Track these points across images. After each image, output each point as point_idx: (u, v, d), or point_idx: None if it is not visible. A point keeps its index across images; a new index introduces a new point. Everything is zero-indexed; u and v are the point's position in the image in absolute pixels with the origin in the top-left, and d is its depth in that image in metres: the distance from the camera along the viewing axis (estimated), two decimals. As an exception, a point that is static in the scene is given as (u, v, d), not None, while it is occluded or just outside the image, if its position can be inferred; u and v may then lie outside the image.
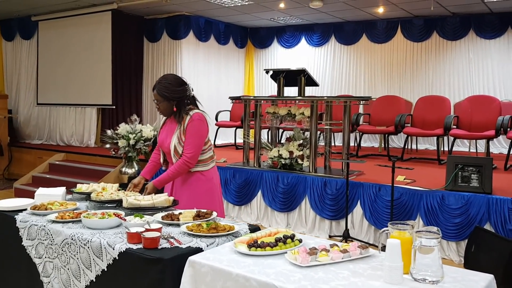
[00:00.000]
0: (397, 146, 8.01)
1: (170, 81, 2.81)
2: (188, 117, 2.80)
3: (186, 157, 2.78)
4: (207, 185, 2.89)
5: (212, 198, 2.90)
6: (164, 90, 2.78)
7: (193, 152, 2.79)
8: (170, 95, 2.78)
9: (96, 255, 2.06)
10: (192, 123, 2.79)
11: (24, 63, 9.41)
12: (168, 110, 2.83)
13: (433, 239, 1.66)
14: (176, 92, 2.79)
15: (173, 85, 2.79)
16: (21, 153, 8.49)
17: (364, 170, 5.34)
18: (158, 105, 2.82)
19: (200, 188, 2.85)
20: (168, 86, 2.78)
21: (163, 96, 2.78)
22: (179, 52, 8.53)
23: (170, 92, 2.78)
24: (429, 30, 8.14)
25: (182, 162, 2.78)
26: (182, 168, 2.79)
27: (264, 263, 1.81)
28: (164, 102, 2.80)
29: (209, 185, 2.90)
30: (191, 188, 2.84)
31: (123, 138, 5.86)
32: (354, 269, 1.77)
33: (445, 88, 8.07)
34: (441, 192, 4.25)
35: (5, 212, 2.54)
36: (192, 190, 2.83)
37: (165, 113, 2.87)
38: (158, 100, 2.80)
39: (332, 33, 9.02)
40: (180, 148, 2.80)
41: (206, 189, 2.88)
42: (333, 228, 4.84)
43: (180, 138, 2.80)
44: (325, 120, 5.35)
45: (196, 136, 2.80)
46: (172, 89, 2.78)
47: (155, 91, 2.80)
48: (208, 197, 2.87)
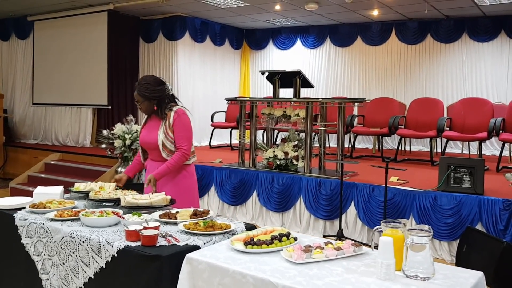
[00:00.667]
0: (390, 147, 8.07)
1: (149, 82, 2.94)
2: (173, 113, 2.93)
3: (183, 149, 2.92)
4: (190, 180, 3.05)
5: (194, 193, 3.07)
6: (144, 90, 2.91)
7: (188, 144, 2.96)
8: (150, 95, 2.91)
9: (95, 252, 2.09)
10: (179, 117, 2.93)
11: (20, 63, 9.39)
12: (149, 109, 2.96)
13: (424, 236, 1.71)
14: (156, 92, 2.92)
15: (152, 85, 2.93)
16: (17, 152, 8.48)
17: (358, 171, 5.39)
18: (140, 105, 2.96)
19: (184, 183, 2.99)
20: (148, 87, 2.92)
21: (143, 96, 2.91)
22: (175, 53, 8.56)
23: (150, 92, 2.91)
24: (423, 33, 8.22)
25: (181, 154, 2.92)
26: (181, 161, 2.93)
27: (260, 260, 1.85)
28: (145, 101, 2.93)
29: (192, 180, 3.06)
30: (176, 183, 2.96)
31: (119, 138, 5.87)
32: (347, 266, 1.81)
33: (439, 91, 8.15)
34: (433, 192, 4.31)
35: (3, 211, 2.57)
36: (177, 185, 2.95)
37: (146, 112, 3.00)
38: (139, 101, 2.94)
39: (327, 35, 9.08)
40: (168, 142, 2.91)
41: (189, 184, 3.03)
42: (327, 228, 4.89)
43: (167, 133, 2.91)
44: (320, 122, 5.40)
45: (186, 129, 2.96)
46: (151, 89, 2.91)
47: (135, 92, 2.94)
48: (191, 192, 3.03)
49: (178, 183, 2.96)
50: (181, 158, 2.92)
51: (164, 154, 2.93)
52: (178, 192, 2.89)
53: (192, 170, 3.06)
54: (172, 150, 2.93)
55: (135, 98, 2.98)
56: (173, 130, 2.91)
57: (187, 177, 3.01)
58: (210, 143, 8.24)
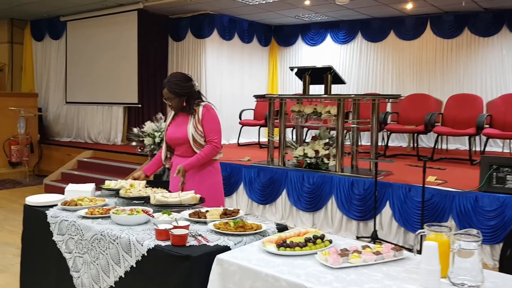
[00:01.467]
0: (426, 145, 7.82)
1: (179, 79, 2.95)
2: (201, 108, 2.94)
3: (214, 142, 2.94)
4: (216, 177, 3.04)
5: (219, 191, 3.05)
6: (175, 87, 2.91)
7: (219, 138, 2.97)
8: (181, 91, 2.91)
9: (125, 251, 2.07)
10: (208, 111, 2.95)
11: (53, 62, 9.62)
12: (179, 105, 2.96)
13: (473, 242, 1.59)
14: (186, 88, 2.93)
15: (182, 81, 2.94)
16: (51, 150, 8.68)
17: (393, 170, 5.22)
18: (170, 102, 2.94)
19: (210, 180, 2.98)
20: (178, 83, 2.92)
21: (174, 93, 2.91)
22: (203, 51, 8.55)
23: (181, 88, 2.91)
24: (460, 27, 7.91)
25: (211, 147, 2.93)
26: (211, 153, 2.94)
27: (294, 263, 1.77)
28: (176, 98, 2.92)
29: (218, 177, 3.05)
30: (201, 180, 2.94)
31: (148, 136, 5.91)
32: (388, 271, 1.71)
33: (477, 86, 7.82)
34: (474, 193, 4.11)
35: (36, 208, 2.58)
36: (203, 182, 2.94)
37: (177, 108, 2.99)
38: (170, 98, 2.93)
39: (359, 30, 8.87)
40: (198, 136, 2.91)
41: (215, 182, 3.02)
42: (361, 229, 4.75)
43: (196, 127, 2.91)
44: (352, 119, 5.25)
45: (216, 123, 2.98)
46: (182, 85, 2.92)
47: (165, 89, 2.92)
48: (217, 190, 3.02)
49: (204, 180, 2.95)
50: (212, 151, 2.93)
51: (195, 148, 2.94)
52: (204, 189, 2.87)
53: (218, 167, 3.07)
54: (202, 144, 2.94)
55: (163, 96, 2.96)
56: (203, 124, 2.92)
57: (214, 173, 3.02)
58: (238, 141, 8.20)
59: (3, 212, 5.82)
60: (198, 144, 2.93)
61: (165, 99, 2.96)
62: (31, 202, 2.61)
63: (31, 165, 8.38)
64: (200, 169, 2.95)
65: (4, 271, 3.83)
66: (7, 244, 4.49)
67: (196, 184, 2.90)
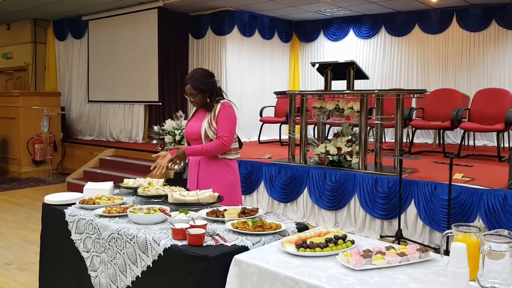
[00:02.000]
0: (452, 142, 7.63)
1: (202, 74, 2.92)
2: (219, 105, 2.90)
3: (223, 139, 2.87)
4: (233, 176, 2.99)
5: (236, 190, 3.00)
6: (198, 83, 2.87)
7: (229, 136, 2.89)
8: (205, 87, 2.88)
9: (142, 250, 2.04)
10: (225, 109, 2.89)
11: (76, 61, 9.76)
12: (202, 101, 2.93)
13: (504, 243, 1.51)
14: (209, 84, 2.90)
15: (205, 77, 2.91)
16: (73, 148, 8.82)
17: (418, 167, 5.09)
18: (193, 98, 2.91)
19: (223, 178, 2.93)
20: (201, 79, 2.89)
21: (197, 89, 2.88)
22: (224, 48, 8.52)
23: (204, 84, 2.88)
24: (488, 19, 7.66)
25: (219, 143, 2.87)
26: (217, 147, 2.87)
27: (314, 265, 1.71)
28: (199, 94, 2.89)
29: (234, 176, 3.00)
30: (214, 177, 2.91)
31: (169, 134, 5.91)
32: (413, 274, 1.63)
33: (505, 81, 7.58)
34: (503, 191, 3.96)
35: (54, 206, 2.58)
36: (213, 180, 2.89)
37: (199, 105, 2.96)
38: (193, 94, 2.89)
39: (382, 24, 8.70)
40: (211, 133, 2.87)
41: (231, 180, 2.97)
42: (385, 228, 4.63)
43: (211, 123, 2.88)
44: (376, 115, 5.13)
45: (230, 121, 2.90)
46: (205, 81, 2.89)
47: (188, 85, 2.89)
48: (233, 188, 2.96)
49: (216, 177, 2.92)
50: (218, 146, 2.87)
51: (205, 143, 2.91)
52: (217, 187, 2.83)
53: (235, 166, 3.01)
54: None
55: (186, 92, 2.93)
56: (217, 121, 2.88)
57: (228, 172, 2.96)
58: (259, 138, 8.15)
59: (26, 210, 5.92)
60: (210, 141, 2.90)
61: (188, 95, 2.93)
62: (49, 200, 2.62)
63: (54, 163, 8.53)
64: (212, 165, 2.92)
65: (26, 269, 3.88)
66: (29, 242, 4.56)
67: (209, 182, 2.88)
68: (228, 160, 2.95)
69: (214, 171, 2.92)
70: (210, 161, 2.93)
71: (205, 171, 2.92)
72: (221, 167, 2.93)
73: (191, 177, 2.97)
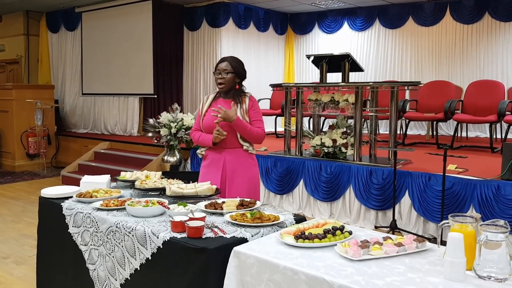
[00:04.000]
0: (445, 133, 7.67)
1: (239, 60, 2.93)
2: (247, 98, 2.90)
3: (264, 131, 2.90)
4: (256, 169, 2.99)
5: (258, 183, 3.01)
6: (238, 63, 2.88)
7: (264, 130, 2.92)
8: (240, 70, 2.88)
9: (141, 243, 2.05)
10: (255, 103, 2.91)
11: (69, 54, 9.66)
12: (230, 84, 2.86)
13: (500, 233, 1.53)
14: (244, 70, 2.93)
15: (241, 63, 2.93)
16: (68, 141, 8.76)
17: (412, 158, 5.12)
18: (225, 75, 2.84)
19: (251, 171, 2.92)
20: (240, 63, 2.91)
21: (234, 68, 2.85)
22: (219, 40, 8.48)
23: (241, 68, 2.89)
24: (481, 11, 7.68)
25: (263, 132, 2.89)
26: (259, 136, 2.88)
27: (313, 255, 1.73)
28: (232, 74, 2.84)
29: (257, 169, 2.99)
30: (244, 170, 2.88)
31: (164, 126, 5.89)
32: (410, 264, 1.66)
33: (498, 72, 7.62)
34: (496, 181, 4.00)
35: (51, 200, 2.57)
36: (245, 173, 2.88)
37: (226, 86, 2.86)
38: (227, 70, 2.84)
39: (376, 17, 8.69)
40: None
41: (255, 173, 2.97)
42: (379, 219, 4.67)
43: (244, 118, 2.83)
44: (370, 107, 5.15)
45: (261, 115, 2.95)
46: (241, 65, 2.91)
47: (226, 62, 2.86)
48: (256, 181, 2.97)
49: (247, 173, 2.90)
50: (261, 134, 2.88)
51: (241, 140, 2.86)
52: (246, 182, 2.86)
53: (256, 159, 3.01)
54: None
55: (218, 69, 2.86)
56: (250, 115, 2.86)
57: (255, 166, 2.97)
58: (255, 130, 8.13)
59: (21, 204, 5.89)
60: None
61: (219, 72, 2.85)
62: (46, 194, 2.61)
63: (48, 156, 8.47)
64: (239, 159, 2.88)
65: (22, 263, 3.87)
66: (25, 236, 4.54)
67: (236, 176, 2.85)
68: (252, 154, 2.95)
69: (241, 165, 2.88)
70: (237, 155, 2.88)
71: (233, 165, 2.87)
72: (248, 161, 2.91)
73: (213, 172, 2.87)
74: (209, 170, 2.90)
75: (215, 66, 2.92)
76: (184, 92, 8.96)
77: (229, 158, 2.86)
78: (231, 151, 2.87)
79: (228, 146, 2.86)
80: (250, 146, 2.90)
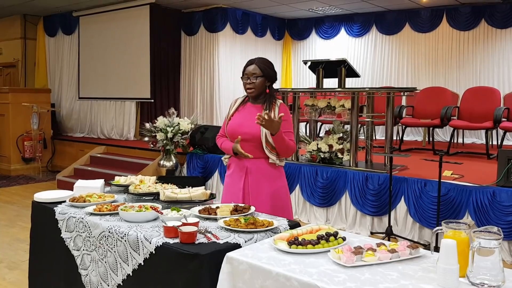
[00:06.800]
0: (441, 139, 7.69)
1: (269, 61, 2.68)
2: (277, 107, 2.60)
3: (295, 143, 2.67)
4: (282, 182, 2.71)
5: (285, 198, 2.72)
6: (267, 64, 2.62)
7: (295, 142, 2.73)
8: (270, 72, 2.62)
9: (133, 248, 2.03)
10: (287, 111, 2.62)
11: (66, 58, 9.65)
12: (260, 88, 2.62)
13: (493, 240, 1.52)
14: (274, 72, 2.66)
15: (271, 65, 2.67)
16: (64, 146, 8.73)
17: (408, 164, 5.12)
18: (255, 79, 2.59)
19: (276, 184, 2.66)
20: (269, 64, 2.65)
21: (262, 70, 2.59)
22: (216, 45, 8.49)
23: (271, 70, 2.63)
24: (477, 18, 7.73)
25: (294, 145, 2.63)
26: (293, 149, 2.61)
27: (306, 261, 1.71)
28: (261, 78, 2.60)
29: (283, 183, 2.72)
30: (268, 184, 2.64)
31: (161, 131, 5.89)
32: (403, 270, 1.65)
33: (494, 79, 7.66)
34: (492, 188, 4.00)
35: (44, 204, 2.55)
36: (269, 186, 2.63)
37: (256, 90, 2.61)
38: (256, 74, 2.59)
39: (373, 23, 8.74)
40: (271, 137, 2.53)
41: (281, 186, 2.69)
42: (375, 225, 4.66)
43: None
44: (366, 113, 5.16)
45: (292, 125, 2.72)
46: (271, 67, 2.65)
47: (254, 65, 2.60)
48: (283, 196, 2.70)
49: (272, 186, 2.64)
50: (293, 147, 2.60)
51: (267, 150, 2.58)
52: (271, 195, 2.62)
53: (284, 172, 2.74)
54: (274, 147, 2.57)
55: (246, 74, 2.61)
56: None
57: (282, 179, 2.69)
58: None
59: (16, 208, 5.86)
60: (271, 147, 2.57)
61: (247, 77, 2.61)
62: (39, 198, 2.59)
63: (44, 161, 8.44)
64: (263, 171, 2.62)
65: (15, 267, 3.84)
66: (19, 240, 4.52)
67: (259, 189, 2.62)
68: (280, 166, 2.67)
69: (265, 176, 2.62)
70: (261, 165, 2.62)
71: (255, 177, 2.62)
72: (273, 173, 2.64)
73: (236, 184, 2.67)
74: (232, 180, 2.70)
75: (243, 69, 2.66)
76: (181, 96, 8.96)
77: (253, 168, 2.62)
78: (254, 162, 2.61)
79: (252, 155, 2.60)
80: (277, 159, 2.63)
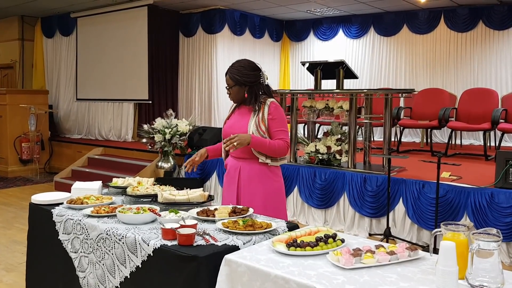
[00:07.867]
0: (439, 141, 7.70)
1: (243, 65, 2.66)
2: (267, 106, 2.62)
3: (287, 142, 2.62)
4: (278, 183, 2.71)
5: (282, 198, 2.74)
6: (236, 73, 2.62)
7: (289, 140, 2.69)
8: (242, 79, 2.61)
9: (131, 251, 2.02)
10: (277, 110, 2.63)
11: (64, 59, 9.64)
12: (239, 95, 2.66)
13: (492, 242, 1.52)
14: (248, 77, 2.62)
15: (245, 68, 2.64)
16: (61, 147, 8.71)
17: (406, 166, 5.12)
18: (230, 90, 2.66)
19: (271, 185, 2.66)
20: (241, 69, 2.63)
21: (234, 80, 2.62)
22: (214, 46, 8.49)
23: (242, 76, 2.61)
24: (475, 20, 7.74)
25: (285, 144, 2.61)
26: (282, 149, 2.60)
27: (304, 263, 1.71)
28: (236, 86, 2.63)
29: (280, 183, 2.72)
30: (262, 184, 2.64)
31: (159, 132, 5.87)
32: (402, 272, 1.64)
33: (492, 80, 7.67)
34: (490, 189, 4.01)
35: (42, 206, 2.54)
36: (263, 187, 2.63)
37: (235, 98, 2.68)
38: (229, 85, 2.65)
39: (371, 24, 8.75)
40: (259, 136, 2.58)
41: (277, 187, 2.69)
42: (373, 226, 4.66)
43: (259, 126, 2.59)
44: (365, 114, 5.16)
45: (285, 123, 2.68)
46: (244, 73, 2.62)
47: (227, 75, 2.65)
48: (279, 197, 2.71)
49: (266, 187, 2.64)
50: (283, 146, 2.58)
51: (255, 151, 2.60)
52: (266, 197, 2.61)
53: (280, 173, 2.73)
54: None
55: (226, 83, 2.69)
56: (268, 124, 2.59)
57: (276, 180, 2.68)
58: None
59: (13, 210, 5.84)
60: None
61: (226, 87, 2.68)
62: (36, 200, 2.58)
63: (41, 162, 8.41)
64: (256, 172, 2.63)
65: (12, 270, 3.82)
66: (16, 243, 4.49)
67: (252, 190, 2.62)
68: (274, 166, 2.67)
69: (256, 177, 2.63)
70: (253, 166, 2.63)
71: (247, 177, 2.63)
72: (265, 173, 2.64)
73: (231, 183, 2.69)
74: (228, 180, 2.72)
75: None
76: (179, 98, 8.95)
77: (245, 168, 2.65)
78: (247, 161, 2.64)
79: (241, 156, 2.65)
80: (267, 159, 2.63)
